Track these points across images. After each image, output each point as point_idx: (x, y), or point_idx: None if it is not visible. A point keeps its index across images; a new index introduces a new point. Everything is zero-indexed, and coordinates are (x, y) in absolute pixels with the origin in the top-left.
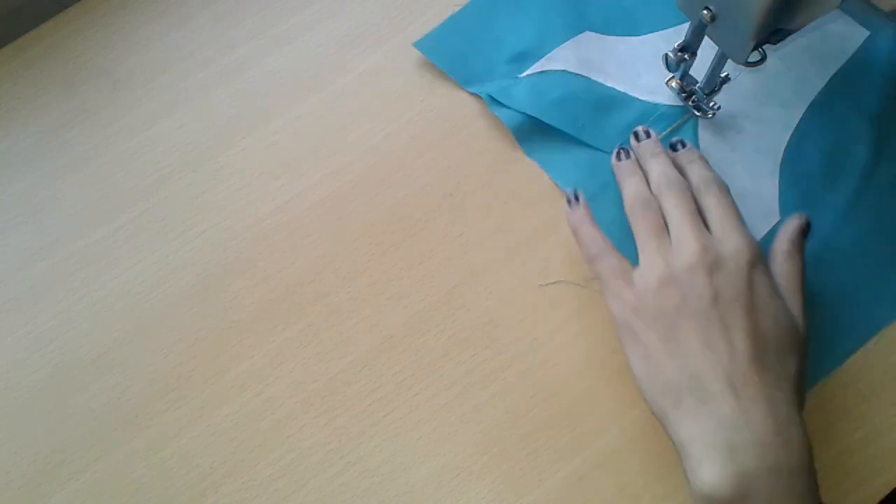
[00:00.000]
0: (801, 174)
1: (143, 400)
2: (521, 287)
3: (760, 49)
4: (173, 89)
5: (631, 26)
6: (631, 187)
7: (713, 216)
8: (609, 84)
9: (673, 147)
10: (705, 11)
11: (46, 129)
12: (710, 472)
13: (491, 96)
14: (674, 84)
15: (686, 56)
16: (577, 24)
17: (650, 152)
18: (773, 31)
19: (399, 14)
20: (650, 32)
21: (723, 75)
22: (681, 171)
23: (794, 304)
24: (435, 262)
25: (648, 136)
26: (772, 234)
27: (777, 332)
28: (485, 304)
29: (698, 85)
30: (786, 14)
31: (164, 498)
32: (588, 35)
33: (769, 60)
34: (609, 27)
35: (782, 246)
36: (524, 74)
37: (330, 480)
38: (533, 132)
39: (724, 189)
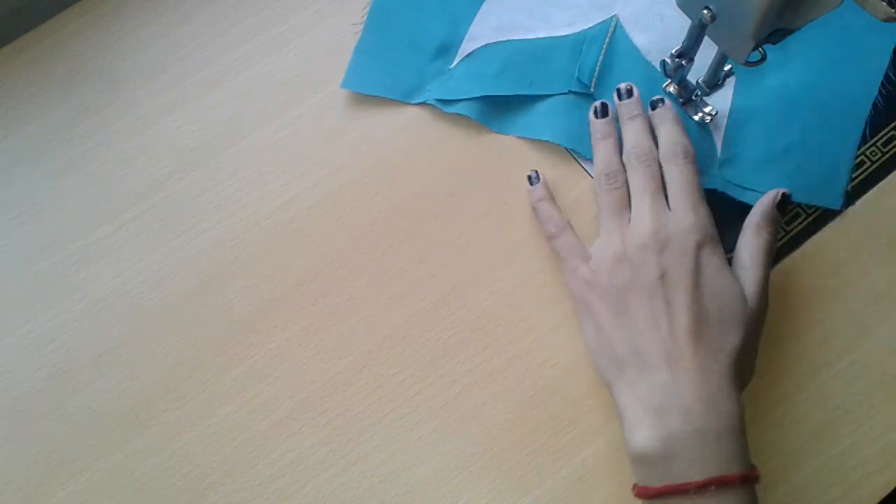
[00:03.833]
0: None
1: (143, 400)
2: (520, 287)
3: (760, 49)
4: (173, 89)
5: None
6: (601, 154)
7: (673, 188)
8: (531, 36)
9: (652, 105)
10: (705, 11)
11: (46, 129)
12: (641, 434)
13: (437, 99)
14: (671, 90)
15: (683, 62)
16: None
17: (628, 114)
18: (773, 31)
19: None
20: None
21: (726, 69)
22: (654, 129)
23: (754, 278)
24: (435, 262)
25: (630, 94)
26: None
27: (720, 308)
28: (485, 304)
29: (701, 79)
30: (786, 14)
31: (164, 498)
32: (488, 3)
33: None
34: None
35: (753, 219)
36: (454, 65)
37: (330, 480)
38: (493, 111)
39: (690, 156)
